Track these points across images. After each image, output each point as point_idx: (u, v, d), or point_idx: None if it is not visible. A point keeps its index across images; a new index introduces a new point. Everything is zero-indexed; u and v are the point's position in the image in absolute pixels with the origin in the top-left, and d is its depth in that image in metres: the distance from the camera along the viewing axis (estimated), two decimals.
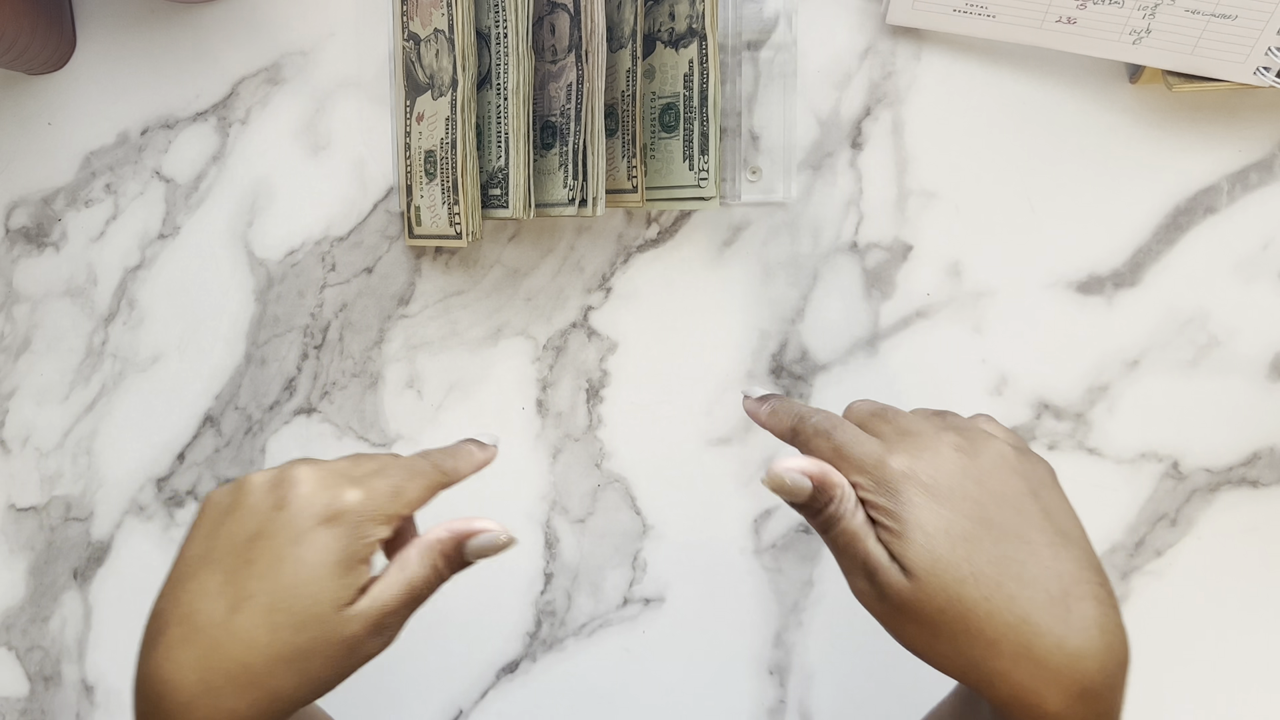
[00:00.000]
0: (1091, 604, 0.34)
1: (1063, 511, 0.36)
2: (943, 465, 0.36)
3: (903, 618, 0.35)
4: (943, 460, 0.36)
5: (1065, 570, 0.34)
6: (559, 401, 0.56)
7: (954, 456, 0.36)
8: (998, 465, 0.36)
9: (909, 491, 0.35)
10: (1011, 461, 0.37)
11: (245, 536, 0.36)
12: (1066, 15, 0.49)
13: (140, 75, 0.55)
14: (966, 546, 0.34)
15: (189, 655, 0.35)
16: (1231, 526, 0.55)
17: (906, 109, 0.53)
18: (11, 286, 0.56)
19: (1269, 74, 0.49)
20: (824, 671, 0.57)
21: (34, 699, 0.58)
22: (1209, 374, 0.54)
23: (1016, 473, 0.36)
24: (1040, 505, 0.36)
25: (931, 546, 0.34)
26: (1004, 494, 0.36)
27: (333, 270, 0.55)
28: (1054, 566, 0.34)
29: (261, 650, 0.34)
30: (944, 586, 0.34)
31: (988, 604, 0.33)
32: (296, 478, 0.37)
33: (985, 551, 0.34)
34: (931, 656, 0.35)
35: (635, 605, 0.57)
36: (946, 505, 0.35)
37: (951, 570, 0.34)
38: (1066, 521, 0.36)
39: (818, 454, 0.38)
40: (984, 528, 0.35)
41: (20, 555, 0.57)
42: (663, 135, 0.51)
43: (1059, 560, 0.34)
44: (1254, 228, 0.53)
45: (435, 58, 0.51)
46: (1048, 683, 0.33)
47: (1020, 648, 0.33)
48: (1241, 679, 0.56)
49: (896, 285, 0.54)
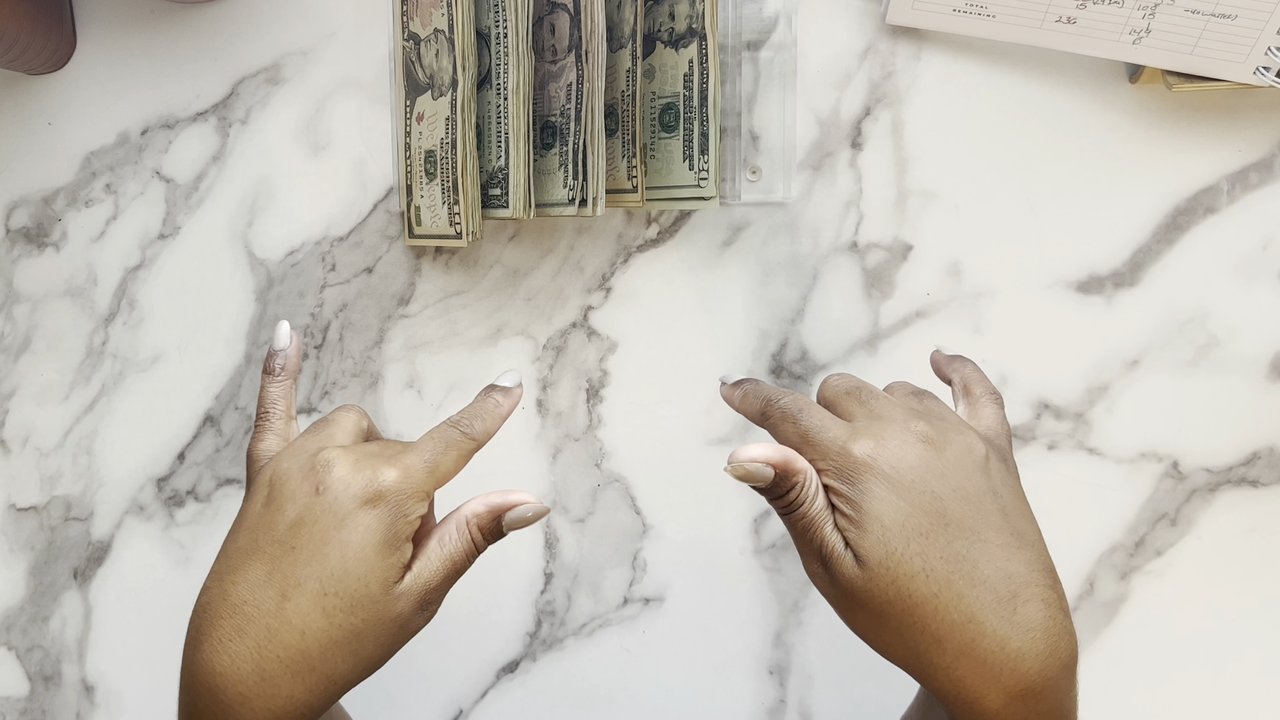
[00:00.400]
0: (1038, 606, 0.35)
1: (1020, 513, 0.37)
2: (906, 456, 0.36)
3: (853, 604, 0.36)
4: (907, 450, 0.36)
5: (1016, 571, 0.35)
6: (559, 401, 0.56)
7: (919, 448, 0.36)
8: (962, 459, 0.36)
9: (869, 481, 0.35)
10: (977, 457, 0.37)
11: (286, 525, 0.36)
12: (1066, 15, 0.49)
13: (140, 75, 0.55)
14: (921, 542, 0.35)
15: (243, 647, 0.35)
16: (1231, 526, 0.55)
17: (906, 109, 0.53)
18: (11, 286, 0.56)
19: (1269, 74, 0.49)
20: (824, 671, 0.57)
21: (34, 699, 0.58)
22: (1209, 374, 0.54)
23: (980, 469, 0.36)
24: (999, 504, 0.36)
25: (886, 539, 0.35)
26: (965, 490, 0.36)
27: (333, 270, 0.55)
28: (1005, 567, 0.35)
29: (316, 635, 0.35)
30: (894, 580, 0.34)
31: (935, 600, 0.34)
32: (329, 461, 0.37)
33: (939, 548, 0.34)
34: (879, 645, 0.36)
35: (635, 605, 0.57)
36: (905, 498, 0.35)
37: (903, 564, 0.34)
38: (1023, 523, 0.36)
39: (784, 438, 0.38)
40: (940, 523, 0.35)
41: (20, 555, 0.57)
42: (663, 135, 0.51)
43: (1011, 561, 0.35)
44: (1254, 228, 0.53)
45: (435, 58, 0.51)
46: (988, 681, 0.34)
47: (964, 645, 0.34)
48: (1242, 679, 0.56)
49: (896, 285, 0.54)
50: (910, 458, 0.36)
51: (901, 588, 0.34)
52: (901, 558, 0.34)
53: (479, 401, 0.41)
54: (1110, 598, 0.56)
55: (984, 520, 0.35)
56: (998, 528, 0.35)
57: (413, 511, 0.36)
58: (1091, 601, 0.56)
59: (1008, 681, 0.34)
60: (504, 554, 0.57)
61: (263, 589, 0.35)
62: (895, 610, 0.34)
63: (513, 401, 0.42)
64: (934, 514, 0.35)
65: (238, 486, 0.57)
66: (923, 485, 0.35)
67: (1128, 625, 0.56)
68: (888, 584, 0.34)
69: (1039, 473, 0.55)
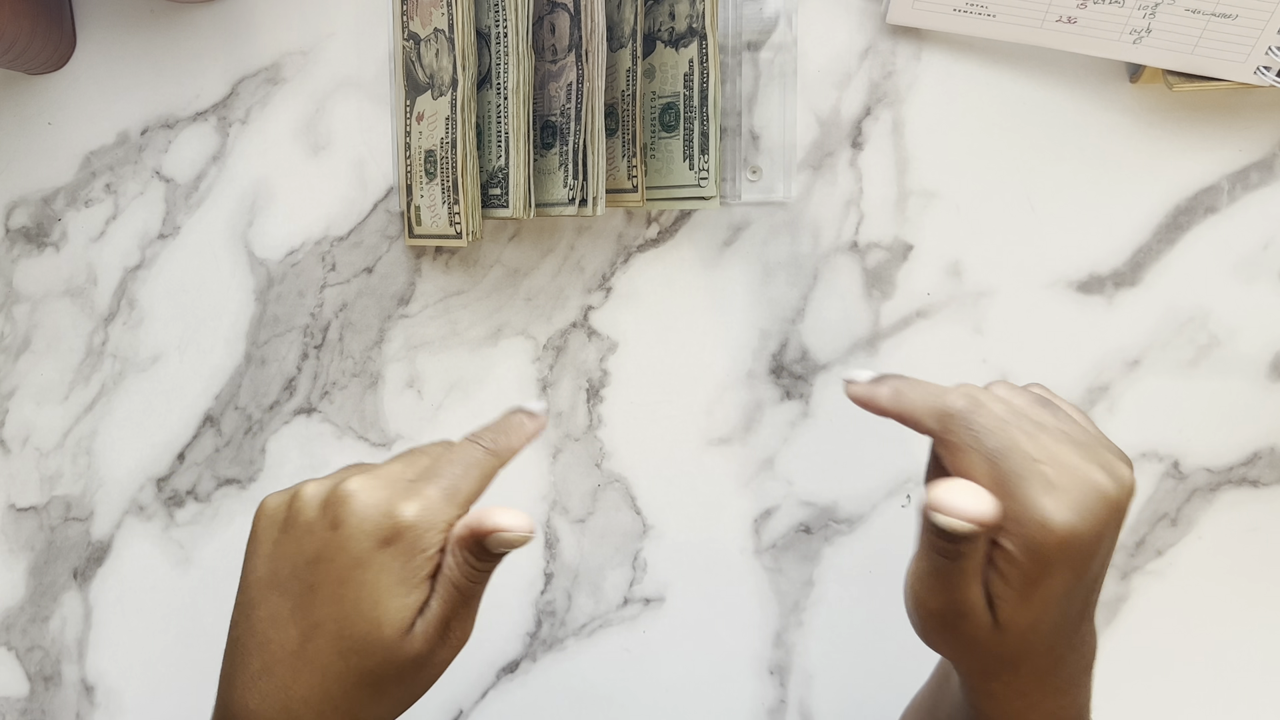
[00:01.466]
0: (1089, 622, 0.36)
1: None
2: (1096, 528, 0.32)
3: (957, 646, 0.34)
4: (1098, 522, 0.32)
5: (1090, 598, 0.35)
6: (559, 401, 0.56)
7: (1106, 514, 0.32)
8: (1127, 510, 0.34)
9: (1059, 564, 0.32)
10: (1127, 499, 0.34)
11: (305, 559, 0.35)
12: (1067, 15, 0.49)
13: (140, 75, 0.55)
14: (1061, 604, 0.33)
15: (271, 686, 0.35)
16: (1232, 526, 0.55)
17: (906, 109, 0.53)
18: (11, 286, 0.56)
19: (1269, 73, 0.49)
20: (824, 671, 0.57)
21: (34, 699, 0.58)
22: (1209, 374, 0.54)
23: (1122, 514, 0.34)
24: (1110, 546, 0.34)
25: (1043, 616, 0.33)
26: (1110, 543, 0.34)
27: (333, 270, 0.55)
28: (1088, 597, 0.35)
29: (338, 678, 0.34)
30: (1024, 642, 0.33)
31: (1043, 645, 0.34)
32: (349, 493, 0.35)
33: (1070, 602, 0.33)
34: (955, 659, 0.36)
35: (635, 605, 0.57)
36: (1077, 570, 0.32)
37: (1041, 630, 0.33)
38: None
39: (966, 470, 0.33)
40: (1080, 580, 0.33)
41: (20, 555, 0.57)
42: (663, 135, 0.50)
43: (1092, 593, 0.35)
44: (1254, 227, 0.53)
45: (435, 57, 0.51)
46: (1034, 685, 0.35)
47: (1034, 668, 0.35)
48: (1242, 679, 0.56)
49: (896, 285, 0.54)
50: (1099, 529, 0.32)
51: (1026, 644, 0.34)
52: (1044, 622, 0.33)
53: (504, 418, 0.39)
54: (1110, 598, 0.56)
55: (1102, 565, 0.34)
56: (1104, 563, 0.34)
57: (431, 546, 0.35)
58: None
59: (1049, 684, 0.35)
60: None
61: (286, 626, 0.35)
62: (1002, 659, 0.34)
63: (538, 425, 0.40)
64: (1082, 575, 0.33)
65: (238, 487, 0.57)
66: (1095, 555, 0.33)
67: (1128, 625, 0.56)
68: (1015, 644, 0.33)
69: None
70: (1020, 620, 0.33)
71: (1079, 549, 0.32)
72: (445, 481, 0.36)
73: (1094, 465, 0.33)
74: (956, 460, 0.34)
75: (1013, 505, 0.32)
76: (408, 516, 0.34)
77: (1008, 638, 0.33)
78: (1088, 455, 0.33)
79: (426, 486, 0.35)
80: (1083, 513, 0.32)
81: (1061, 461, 0.33)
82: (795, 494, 0.56)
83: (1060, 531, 0.31)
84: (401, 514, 0.34)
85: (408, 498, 0.35)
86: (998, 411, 0.34)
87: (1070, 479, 0.32)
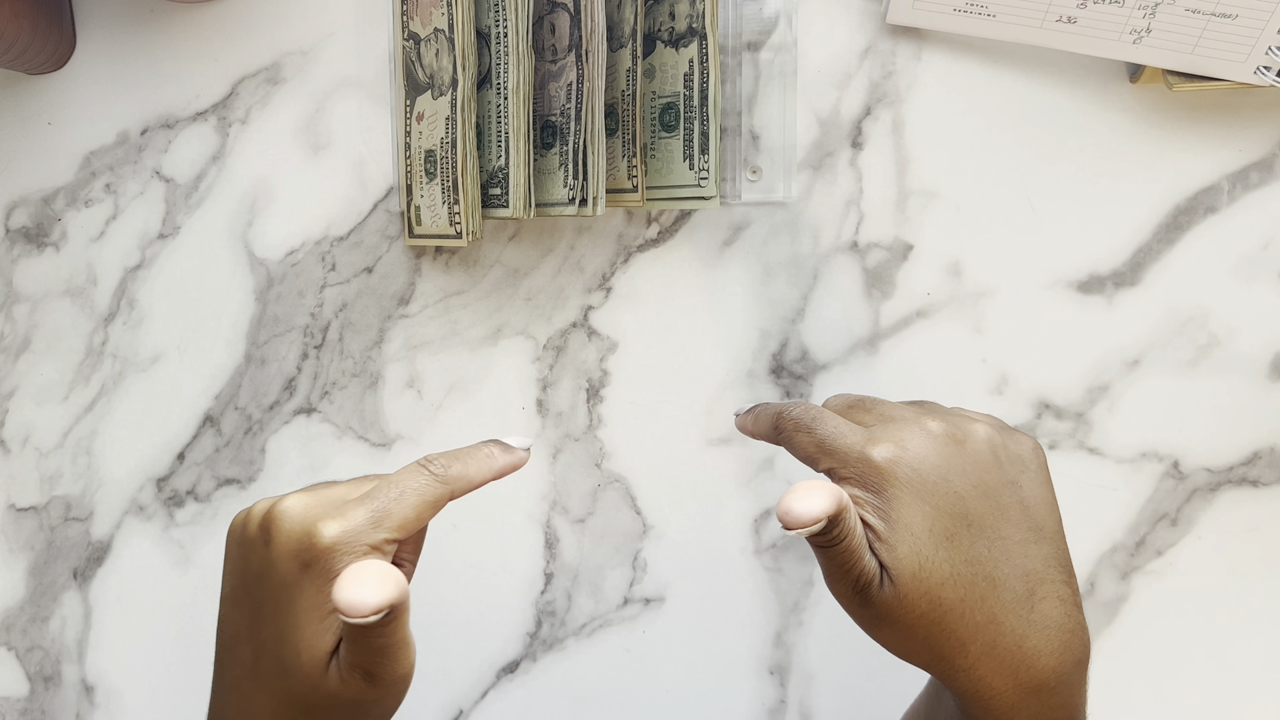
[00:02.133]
0: (1054, 603, 0.35)
1: (1040, 500, 0.36)
2: (927, 455, 0.35)
3: (883, 622, 0.35)
4: (927, 450, 0.35)
5: (1033, 569, 0.35)
6: (559, 401, 0.56)
7: (938, 445, 0.35)
8: (981, 453, 0.36)
9: (894, 487, 0.34)
10: (995, 447, 0.36)
11: (253, 576, 0.35)
12: (1067, 15, 0.49)
13: (140, 75, 0.55)
14: (948, 546, 0.34)
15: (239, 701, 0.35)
16: (1232, 526, 0.55)
17: (906, 109, 0.53)
18: (11, 286, 0.56)
19: (1269, 73, 0.49)
20: (824, 671, 0.57)
21: (34, 699, 0.58)
22: (1209, 374, 0.54)
23: (999, 461, 0.36)
24: (1018, 497, 0.36)
25: (917, 549, 0.34)
26: (985, 485, 0.35)
27: (333, 270, 0.55)
28: (1023, 564, 0.35)
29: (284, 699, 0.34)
30: (926, 591, 0.34)
31: (961, 605, 0.34)
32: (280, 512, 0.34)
33: (963, 550, 0.34)
34: (902, 653, 0.36)
35: (635, 605, 0.57)
36: (930, 500, 0.34)
37: (934, 574, 0.34)
38: (1042, 512, 0.36)
39: (800, 449, 0.37)
40: (964, 524, 0.34)
41: (20, 555, 0.57)
42: (663, 135, 0.50)
43: (1029, 558, 0.35)
44: (1254, 227, 0.53)
45: (435, 57, 0.51)
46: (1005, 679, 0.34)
47: (985, 646, 0.34)
48: (1243, 679, 0.56)
49: (896, 285, 0.54)
50: (931, 457, 0.35)
51: (932, 597, 0.34)
52: (932, 567, 0.34)
53: (471, 446, 0.38)
54: (1111, 598, 0.56)
55: (1003, 515, 0.35)
56: (1016, 522, 0.35)
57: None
58: (1092, 601, 0.56)
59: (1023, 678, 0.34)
60: (504, 554, 0.57)
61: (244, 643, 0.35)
62: (925, 621, 0.34)
63: (513, 460, 0.38)
64: (957, 515, 0.34)
65: (238, 487, 0.57)
66: (945, 485, 0.35)
67: (1128, 625, 0.56)
68: (919, 597, 0.34)
69: None
70: (900, 562, 0.34)
71: (911, 475, 0.34)
72: (375, 505, 0.34)
73: (927, 416, 0.36)
74: (793, 449, 0.38)
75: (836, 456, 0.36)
76: (324, 540, 0.33)
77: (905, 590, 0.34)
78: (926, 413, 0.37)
79: (355, 508, 0.34)
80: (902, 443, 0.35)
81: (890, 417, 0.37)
82: None
83: (878, 458, 0.35)
84: (320, 536, 0.33)
85: (331, 519, 0.33)
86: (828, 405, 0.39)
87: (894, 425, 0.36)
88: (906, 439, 0.35)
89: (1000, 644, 0.34)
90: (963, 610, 0.34)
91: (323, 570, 0.33)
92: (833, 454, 0.36)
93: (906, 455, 0.35)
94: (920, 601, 0.34)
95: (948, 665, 0.35)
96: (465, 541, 0.56)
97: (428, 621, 0.57)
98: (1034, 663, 0.34)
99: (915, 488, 0.34)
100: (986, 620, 0.34)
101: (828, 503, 0.33)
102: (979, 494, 0.35)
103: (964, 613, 0.34)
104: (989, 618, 0.34)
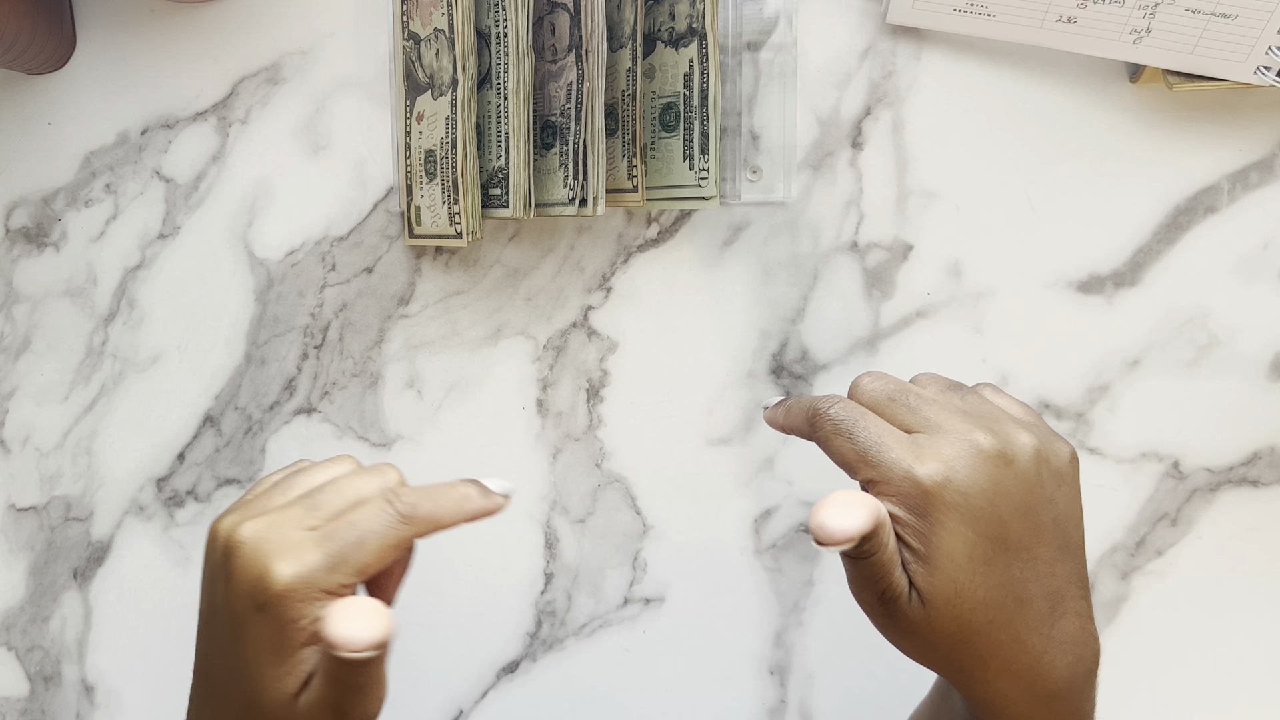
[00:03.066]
0: (1072, 619, 0.35)
1: (1070, 517, 0.36)
2: (977, 479, 0.34)
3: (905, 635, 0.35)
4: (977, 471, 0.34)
5: (1058, 587, 0.35)
6: (559, 401, 0.56)
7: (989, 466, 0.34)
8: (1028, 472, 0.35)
9: (939, 512, 0.33)
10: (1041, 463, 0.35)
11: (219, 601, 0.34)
12: (1067, 15, 0.49)
13: (140, 75, 0.55)
14: (984, 571, 0.34)
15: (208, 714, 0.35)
16: (1232, 526, 0.55)
17: (906, 109, 0.53)
18: (11, 286, 0.56)
19: (1269, 73, 0.49)
20: (824, 671, 0.57)
21: (34, 699, 0.58)
22: (1209, 374, 0.54)
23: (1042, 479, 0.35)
24: (1054, 514, 0.35)
25: (955, 577, 0.33)
26: (1027, 505, 0.34)
27: (333, 270, 0.55)
28: (1050, 584, 0.35)
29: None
30: (957, 616, 0.34)
31: (989, 626, 0.34)
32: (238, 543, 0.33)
33: (998, 574, 0.34)
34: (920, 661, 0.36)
35: (635, 605, 0.57)
36: (974, 526, 0.33)
37: (967, 599, 0.34)
38: (1070, 527, 0.36)
39: (838, 454, 0.36)
40: (1002, 548, 0.34)
41: (20, 555, 0.57)
42: (663, 135, 0.51)
43: (1055, 577, 0.35)
44: (1254, 227, 0.53)
45: (435, 57, 0.51)
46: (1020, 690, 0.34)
47: (1006, 662, 0.34)
48: (1242, 679, 0.56)
49: (896, 285, 0.54)
50: (981, 481, 0.34)
51: (962, 621, 0.34)
52: (966, 593, 0.34)
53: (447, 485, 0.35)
54: (1111, 598, 0.56)
55: (1038, 535, 0.35)
56: (1049, 541, 0.35)
57: (303, 617, 0.32)
58: (1092, 601, 0.56)
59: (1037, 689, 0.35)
60: (504, 554, 0.57)
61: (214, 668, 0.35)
62: (951, 641, 0.34)
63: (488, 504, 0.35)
64: (998, 539, 0.34)
65: (238, 487, 0.57)
66: (991, 511, 0.34)
67: (1128, 625, 0.56)
68: (949, 620, 0.34)
69: None
70: (936, 588, 0.33)
71: (958, 500, 0.33)
72: (333, 546, 0.32)
73: (976, 428, 0.35)
74: (830, 452, 0.36)
75: (880, 470, 0.34)
76: (278, 584, 0.32)
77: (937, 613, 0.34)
78: (974, 422, 0.35)
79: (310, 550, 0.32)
80: (951, 463, 0.34)
81: (936, 425, 0.35)
82: (795, 494, 0.56)
83: (926, 480, 0.33)
84: (274, 580, 0.32)
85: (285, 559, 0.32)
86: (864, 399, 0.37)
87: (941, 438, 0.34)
88: (956, 459, 0.34)
89: (1020, 660, 0.34)
90: (989, 631, 0.34)
91: (275, 616, 0.32)
92: (876, 468, 0.34)
93: (955, 479, 0.34)
94: (950, 624, 0.34)
95: (966, 676, 0.35)
96: (465, 541, 0.56)
97: (428, 621, 0.57)
98: (1048, 675, 0.35)
99: (961, 513, 0.33)
100: (1010, 640, 0.34)
101: (864, 519, 0.32)
102: (1019, 515, 0.34)
103: (990, 634, 0.34)
104: (1013, 637, 0.34)
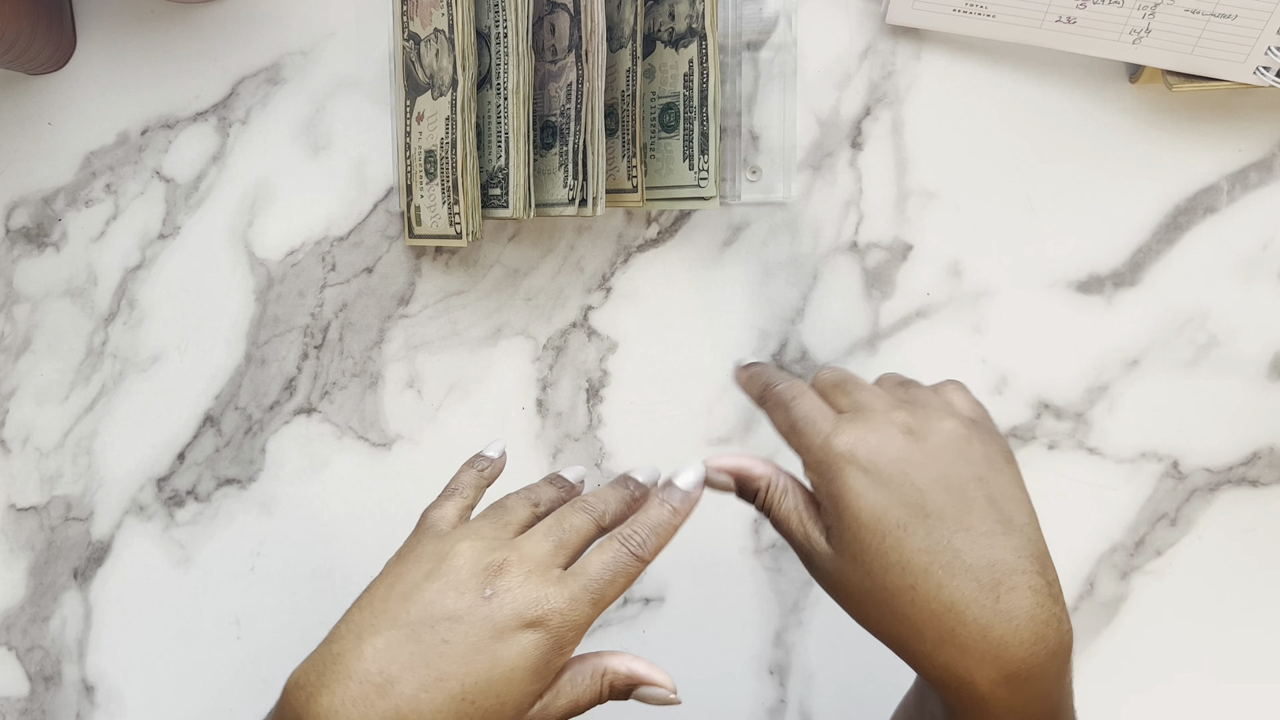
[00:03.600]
0: (1024, 593, 0.35)
1: (1010, 496, 0.37)
2: (886, 448, 0.36)
3: (835, 590, 0.37)
4: (887, 442, 0.37)
5: (1001, 559, 0.35)
6: (559, 401, 0.56)
7: (900, 439, 0.37)
8: (945, 449, 0.37)
9: (846, 475, 0.36)
10: (961, 444, 0.37)
11: (443, 613, 0.35)
12: (1066, 15, 0.49)
13: (140, 75, 0.55)
14: (897, 534, 0.35)
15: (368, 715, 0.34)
16: (1231, 526, 0.55)
17: (906, 109, 0.53)
18: (11, 286, 0.56)
19: (1269, 73, 0.49)
20: (824, 671, 0.57)
21: (34, 699, 0.58)
22: (1209, 374, 0.54)
23: (964, 456, 0.37)
24: (985, 491, 0.36)
25: (859, 534, 0.36)
26: (948, 479, 0.36)
27: (333, 270, 0.55)
28: (989, 555, 0.35)
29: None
30: (869, 572, 0.36)
31: (913, 592, 0.35)
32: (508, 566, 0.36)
33: (917, 540, 0.35)
34: (865, 625, 0.37)
35: (635, 605, 0.57)
36: (883, 490, 0.36)
37: (878, 558, 0.35)
38: (1012, 507, 0.36)
39: (775, 424, 0.40)
40: (919, 515, 0.36)
41: (20, 555, 0.57)
42: (663, 135, 0.51)
43: (996, 549, 0.35)
44: (1254, 227, 0.53)
45: (435, 58, 0.51)
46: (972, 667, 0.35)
47: (944, 633, 0.35)
48: (1242, 679, 0.56)
49: (896, 285, 0.54)
50: (890, 449, 0.36)
51: (876, 580, 0.36)
52: (876, 551, 0.35)
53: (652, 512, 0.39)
54: (1110, 598, 0.56)
55: (968, 508, 0.36)
56: (983, 514, 0.36)
57: (569, 645, 0.36)
58: (1091, 601, 0.56)
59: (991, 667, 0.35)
60: None
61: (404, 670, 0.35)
62: (873, 599, 0.36)
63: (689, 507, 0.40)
64: (913, 506, 0.36)
65: (238, 487, 0.57)
66: (902, 478, 0.36)
67: (1128, 625, 0.56)
68: (863, 575, 0.36)
69: (1039, 472, 0.55)
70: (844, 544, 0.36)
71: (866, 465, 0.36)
72: (593, 585, 0.36)
73: (897, 409, 0.38)
74: (772, 422, 0.40)
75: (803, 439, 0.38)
76: (557, 607, 0.35)
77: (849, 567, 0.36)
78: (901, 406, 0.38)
79: (573, 583, 0.36)
80: (863, 435, 0.37)
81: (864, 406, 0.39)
82: None
83: (837, 447, 0.37)
84: (550, 604, 0.35)
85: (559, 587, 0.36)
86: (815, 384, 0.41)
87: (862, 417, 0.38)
88: (869, 430, 0.37)
89: (961, 632, 0.34)
90: (913, 597, 0.35)
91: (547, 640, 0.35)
92: (800, 435, 0.38)
93: (864, 447, 0.37)
94: (864, 580, 0.36)
95: (908, 649, 0.36)
96: None
97: None
98: (1001, 653, 0.34)
99: (869, 476, 0.36)
100: (944, 609, 0.35)
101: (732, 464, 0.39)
102: (940, 487, 0.36)
103: (915, 599, 0.35)
104: (946, 606, 0.35)
